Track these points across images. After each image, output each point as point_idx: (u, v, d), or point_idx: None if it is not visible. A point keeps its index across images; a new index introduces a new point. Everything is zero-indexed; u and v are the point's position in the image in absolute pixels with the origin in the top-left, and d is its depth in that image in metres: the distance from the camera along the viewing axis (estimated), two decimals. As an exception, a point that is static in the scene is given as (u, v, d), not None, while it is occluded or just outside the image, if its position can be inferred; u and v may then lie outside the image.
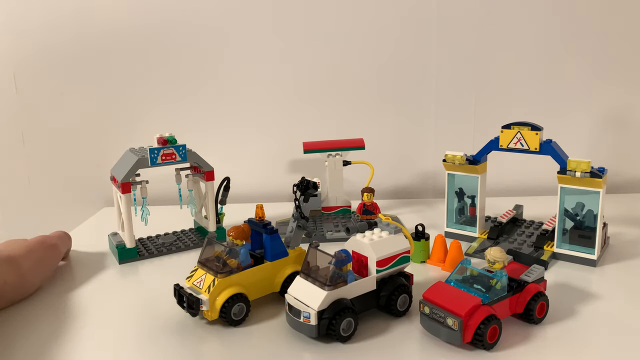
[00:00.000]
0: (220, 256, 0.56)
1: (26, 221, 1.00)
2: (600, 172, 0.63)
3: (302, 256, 0.60)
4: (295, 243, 0.61)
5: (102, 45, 0.95)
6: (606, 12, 0.93)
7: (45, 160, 0.99)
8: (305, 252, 0.59)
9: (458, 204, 0.77)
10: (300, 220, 0.60)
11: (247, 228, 0.57)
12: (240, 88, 0.97)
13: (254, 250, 0.60)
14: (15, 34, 0.94)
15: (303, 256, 0.59)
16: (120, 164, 0.73)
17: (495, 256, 0.51)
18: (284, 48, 0.96)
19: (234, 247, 0.55)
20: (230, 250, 0.55)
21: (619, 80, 0.96)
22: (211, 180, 0.75)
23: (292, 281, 0.54)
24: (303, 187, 0.59)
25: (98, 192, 1.00)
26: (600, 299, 0.57)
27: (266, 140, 0.99)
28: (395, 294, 0.53)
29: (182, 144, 0.71)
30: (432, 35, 0.95)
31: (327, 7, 0.94)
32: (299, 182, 0.59)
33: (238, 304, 0.53)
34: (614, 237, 0.74)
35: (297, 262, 0.60)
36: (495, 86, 0.97)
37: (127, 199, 0.70)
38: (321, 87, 0.98)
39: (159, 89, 0.97)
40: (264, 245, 0.59)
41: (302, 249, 0.61)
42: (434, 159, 0.99)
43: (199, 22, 0.94)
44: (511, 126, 0.68)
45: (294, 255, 0.60)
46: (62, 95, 0.97)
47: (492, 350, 0.48)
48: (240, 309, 0.54)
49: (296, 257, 0.60)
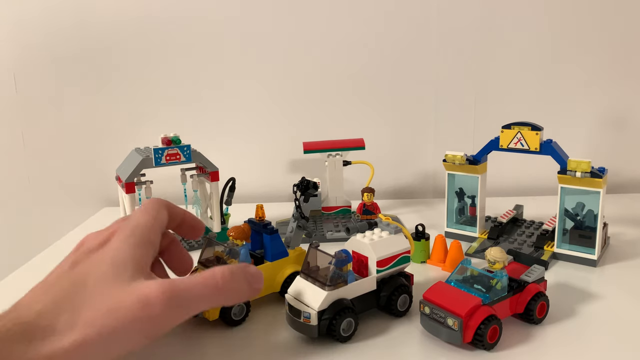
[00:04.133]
0: (220, 256, 0.56)
1: (26, 221, 1.00)
2: (600, 172, 0.63)
3: (302, 256, 0.60)
4: (296, 243, 0.61)
5: (102, 46, 0.95)
6: (606, 12, 0.93)
7: (45, 160, 0.99)
8: (305, 252, 0.59)
9: (458, 204, 0.77)
10: (300, 220, 0.60)
11: (247, 228, 0.57)
12: (241, 88, 0.97)
13: (254, 250, 0.60)
14: (15, 34, 0.94)
15: (303, 256, 0.59)
16: (125, 163, 0.73)
17: (496, 256, 0.51)
18: (285, 49, 0.96)
19: (234, 247, 0.55)
20: (230, 250, 0.55)
21: (619, 80, 0.96)
22: (216, 180, 0.75)
23: (292, 281, 0.54)
24: (303, 187, 0.59)
25: (98, 192, 1.00)
26: (600, 299, 0.57)
27: (266, 140, 0.99)
28: (395, 294, 0.53)
29: (186, 144, 0.71)
30: (432, 36, 0.95)
31: (327, 8, 0.94)
32: (299, 182, 0.59)
33: (238, 305, 0.53)
34: (614, 237, 0.74)
35: (297, 262, 0.60)
36: (495, 86, 0.97)
37: (131, 198, 0.69)
38: (321, 88, 0.98)
39: (160, 89, 0.97)
40: (264, 245, 0.59)
41: (302, 249, 0.61)
42: (434, 159, 0.99)
43: (201, 23, 0.94)
44: (511, 126, 0.68)
45: (294, 255, 0.60)
46: (62, 95, 0.97)
47: (493, 350, 0.48)
48: (240, 309, 0.54)
49: (296, 257, 0.60)
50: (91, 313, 0.40)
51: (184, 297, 0.44)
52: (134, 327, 0.41)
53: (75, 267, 0.43)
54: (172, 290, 0.43)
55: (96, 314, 0.40)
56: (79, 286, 0.41)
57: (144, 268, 0.44)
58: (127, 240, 0.45)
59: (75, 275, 0.42)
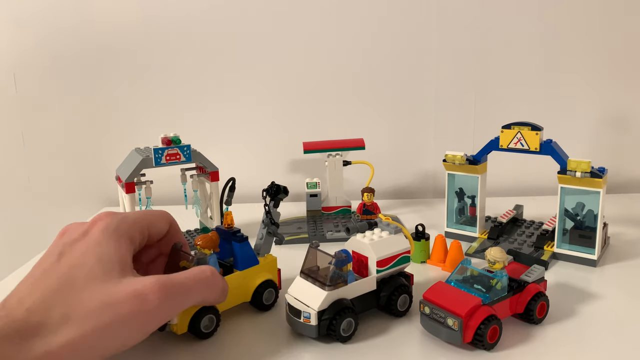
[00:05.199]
0: (186, 267, 0.52)
1: (26, 221, 1.00)
2: (600, 172, 0.63)
3: (273, 264, 0.58)
4: (266, 250, 0.59)
5: (103, 46, 0.95)
6: (606, 12, 0.93)
7: (45, 160, 0.99)
8: (275, 259, 0.58)
9: (458, 204, 0.77)
10: (270, 227, 0.58)
11: (215, 236, 0.55)
12: (241, 88, 0.97)
13: (224, 259, 0.57)
14: (16, 34, 0.94)
15: (274, 264, 0.58)
16: (125, 163, 0.73)
17: (496, 256, 0.51)
18: (285, 49, 0.96)
19: (202, 256, 0.52)
20: (198, 260, 0.52)
21: (619, 80, 0.96)
22: (216, 180, 0.75)
23: (264, 290, 0.54)
24: (273, 192, 0.57)
25: (98, 192, 1.00)
26: (600, 299, 0.57)
27: (266, 140, 0.99)
28: (395, 294, 0.53)
29: (186, 144, 0.71)
30: (432, 35, 0.95)
31: (327, 8, 0.94)
32: (268, 186, 0.57)
33: (208, 316, 0.51)
34: (614, 237, 0.74)
35: (268, 270, 0.57)
36: (495, 86, 0.97)
37: (131, 198, 0.69)
38: (321, 87, 0.98)
39: (160, 89, 0.97)
40: (234, 253, 0.56)
41: (273, 256, 0.59)
42: (434, 159, 0.99)
43: (201, 22, 0.94)
44: (511, 126, 0.68)
45: (264, 262, 0.57)
46: (62, 95, 0.97)
47: (492, 350, 0.48)
48: (210, 320, 0.51)
49: (267, 265, 0.57)
50: (85, 308, 0.39)
51: (177, 291, 0.45)
52: (130, 322, 0.41)
53: (61, 259, 0.43)
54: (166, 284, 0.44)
55: (91, 308, 0.40)
56: (68, 281, 0.41)
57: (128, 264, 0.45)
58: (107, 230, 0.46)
59: (62, 269, 0.42)
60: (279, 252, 0.74)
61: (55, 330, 0.38)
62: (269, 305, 0.57)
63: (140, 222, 0.50)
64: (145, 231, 0.50)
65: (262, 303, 0.56)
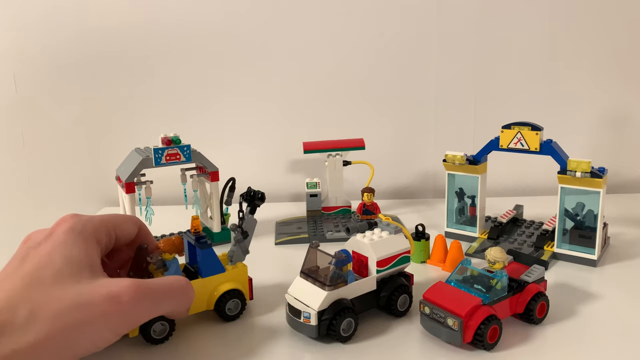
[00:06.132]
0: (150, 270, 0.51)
1: (26, 221, 1.00)
2: (600, 172, 0.63)
3: (243, 273, 0.56)
4: (238, 258, 0.56)
5: (103, 46, 0.95)
6: (606, 12, 0.93)
7: (45, 160, 0.99)
8: (246, 268, 0.56)
9: (458, 204, 0.77)
10: (237, 235, 0.55)
11: (177, 241, 0.53)
12: (241, 88, 0.97)
13: (192, 264, 0.55)
14: (15, 34, 0.94)
15: (244, 273, 0.56)
16: (125, 163, 0.73)
17: (496, 256, 0.51)
18: (285, 49, 0.96)
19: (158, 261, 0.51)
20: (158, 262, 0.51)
21: (619, 80, 0.96)
22: (216, 180, 0.75)
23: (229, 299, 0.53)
24: (249, 198, 0.55)
25: (98, 192, 1.00)
26: (600, 299, 0.57)
27: (266, 140, 0.99)
28: (395, 294, 0.53)
29: (186, 144, 0.71)
30: (432, 36, 0.95)
31: (327, 8, 0.94)
32: (245, 192, 0.56)
33: (161, 322, 0.49)
34: (614, 237, 0.74)
35: (236, 279, 0.55)
36: (495, 86, 0.97)
37: (131, 198, 0.69)
38: (321, 87, 0.98)
39: (160, 89, 0.97)
40: (198, 259, 0.54)
41: (244, 265, 0.56)
42: (434, 159, 0.99)
43: (201, 24, 0.94)
44: (511, 126, 0.68)
45: (233, 271, 0.55)
46: (62, 95, 0.97)
47: (492, 350, 0.48)
48: (162, 328, 0.50)
49: (236, 274, 0.55)
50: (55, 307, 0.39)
51: (152, 296, 0.45)
52: (102, 322, 0.41)
53: (24, 262, 0.42)
54: (142, 288, 0.44)
55: (61, 308, 0.39)
56: (34, 281, 0.40)
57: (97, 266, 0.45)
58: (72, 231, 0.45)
59: (26, 270, 0.41)
60: (279, 252, 0.74)
61: (23, 329, 0.38)
62: (234, 316, 0.54)
63: (106, 223, 0.49)
64: (112, 233, 0.50)
65: (225, 313, 0.54)
